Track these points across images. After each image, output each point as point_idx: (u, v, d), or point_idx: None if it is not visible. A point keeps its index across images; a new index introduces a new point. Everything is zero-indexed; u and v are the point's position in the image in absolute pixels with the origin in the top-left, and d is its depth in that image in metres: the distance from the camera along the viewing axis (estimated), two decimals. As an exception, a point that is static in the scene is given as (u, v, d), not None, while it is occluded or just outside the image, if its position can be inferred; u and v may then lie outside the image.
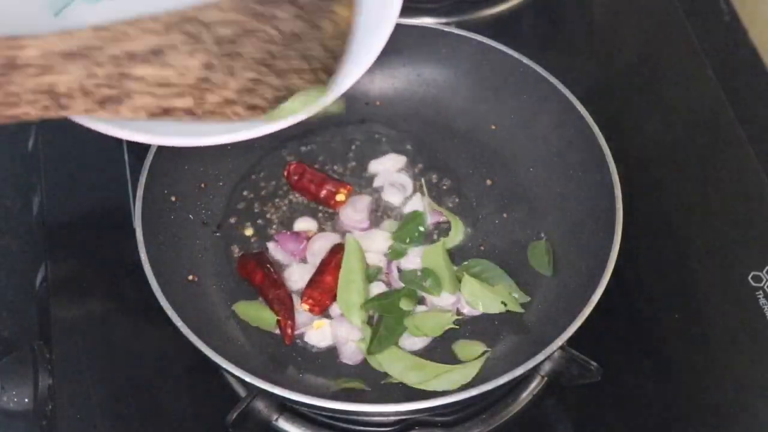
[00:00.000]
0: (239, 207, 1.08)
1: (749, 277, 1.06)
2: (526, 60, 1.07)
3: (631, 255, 0.97)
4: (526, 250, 1.04)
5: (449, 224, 1.06)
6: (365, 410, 0.87)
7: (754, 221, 1.11)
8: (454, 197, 1.09)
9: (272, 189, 1.10)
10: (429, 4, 1.29)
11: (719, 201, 1.13)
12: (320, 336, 0.99)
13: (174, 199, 1.03)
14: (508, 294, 0.99)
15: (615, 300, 0.94)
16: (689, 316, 1.04)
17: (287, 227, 1.07)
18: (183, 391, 0.99)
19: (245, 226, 1.06)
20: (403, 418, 0.96)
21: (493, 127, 1.12)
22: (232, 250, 1.05)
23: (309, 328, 0.99)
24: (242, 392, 0.98)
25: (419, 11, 1.28)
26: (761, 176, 1.14)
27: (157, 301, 0.89)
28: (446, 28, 1.11)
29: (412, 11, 1.28)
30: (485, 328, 0.99)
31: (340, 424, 0.97)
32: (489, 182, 1.10)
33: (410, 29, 1.11)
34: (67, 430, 0.96)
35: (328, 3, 0.90)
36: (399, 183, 1.10)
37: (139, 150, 0.98)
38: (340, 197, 1.07)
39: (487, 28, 1.27)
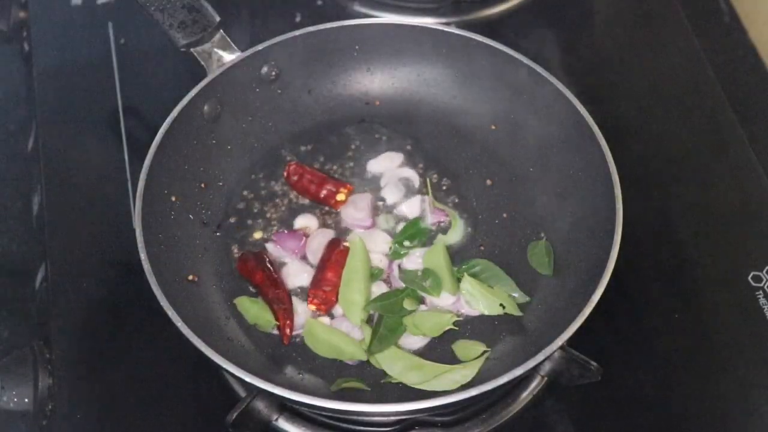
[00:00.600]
0: (239, 207, 1.08)
1: (749, 277, 1.06)
2: (526, 60, 1.07)
3: (631, 255, 0.96)
4: (526, 250, 1.04)
5: (450, 225, 1.06)
6: (365, 410, 0.86)
7: (754, 221, 1.11)
8: (454, 197, 1.09)
9: (272, 189, 1.10)
10: (429, 4, 1.29)
11: (719, 201, 1.13)
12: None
13: (174, 199, 1.03)
14: (507, 296, 0.99)
15: (615, 300, 0.94)
16: (689, 316, 1.04)
17: (287, 227, 1.07)
18: (183, 391, 0.99)
19: (245, 226, 1.06)
20: (403, 418, 0.96)
21: (493, 127, 1.12)
22: (232, 250, 1.05)
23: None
24: (242, 392, 0.98)
25: (419, 11, 1.28)
26: (761, 176, 1.14)
27: (157, 301, 0.89)
28: (446, 28, 1.11)
29: (412, 11, 1.28)
30: (485, 328, 0.99)
31: (340, 424, 0.97)
32: (489, 182, 1.10)
33: (410, 29, 1.11)
34: (67, 430, 0.96)
35: None
36: (404, 177, 1.10)
37: (139, 150, 0.98)
38: (340, 197, 1.07)
39: (487, 28, 1.26)
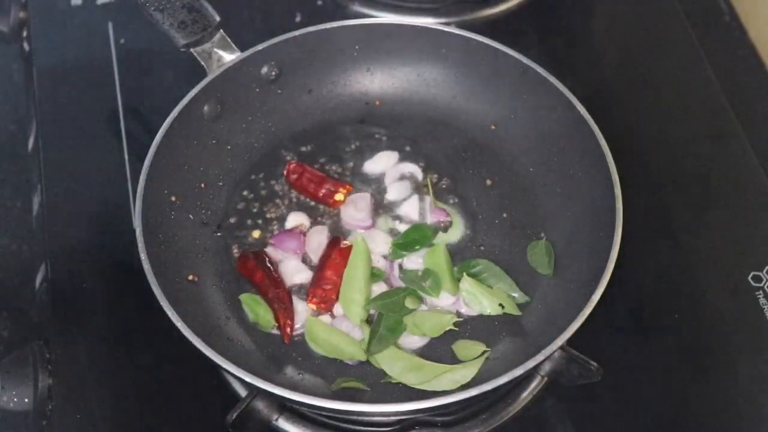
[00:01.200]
0: (239, 207, 1.08)
1: (749, 277, 1.06)
2: (526, 60, 1.07)
3: (631, 255, 0.96)
4: (526, 250, 1.04)
5: (451, 225, 1.06)
6: (365, 410, 0.87)
7: (754, 221, 1.11)
8: (454, 197, 1.09)
9: (272, 189, 1.10)
10: (429, 4, 1.28)
11: (719, 201, 1.13)
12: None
13: (174, 199, 1.03)
14: (506, 296, 0.99)
15: (615, 300, 0.94)
16: (689, 316, 1.04)
17: (287, 227, 1.07)
18: (183, 391, 0.99)
19: (245, 225, 1.06)
20: (403, 418, 0.96)
21: (493, 127, 1.12)
22: (232, 250, 1.05)
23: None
24: (242, 392, 0.98)
25: (419, 11, 1.28)
26: (761, 176, 1.14)
27: (157, 301, 0.89)
28: (446, 28, 1.11)
29: (412, 11, 1.28)
30: (485, 328, 0.99)
31: (340, 424, 0.97)
32: (489, 182, 1.10)
33: (410, 29, 1.11)
34: (67, 430, 0.96)
35: None
36: (408, 172, 1.10)
37: (139, 150, 0.98)
38: (338, 197, 1.07)
39: (487, 28, 1.26)
